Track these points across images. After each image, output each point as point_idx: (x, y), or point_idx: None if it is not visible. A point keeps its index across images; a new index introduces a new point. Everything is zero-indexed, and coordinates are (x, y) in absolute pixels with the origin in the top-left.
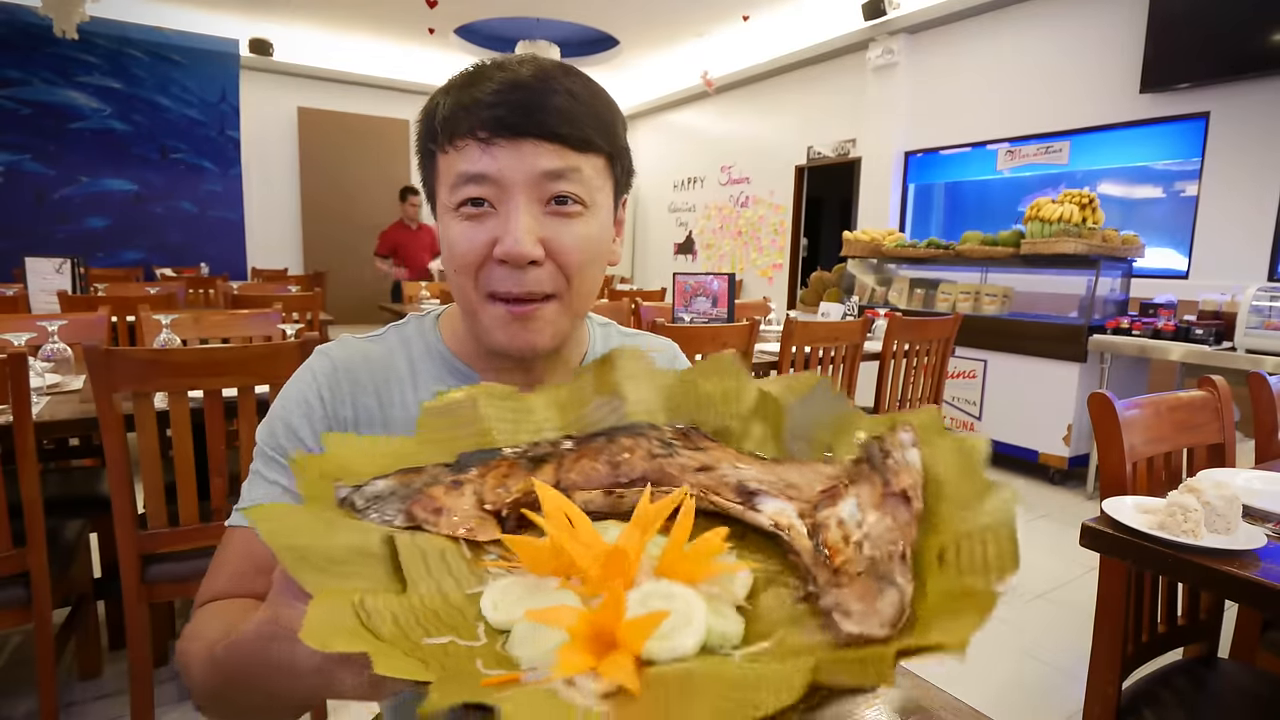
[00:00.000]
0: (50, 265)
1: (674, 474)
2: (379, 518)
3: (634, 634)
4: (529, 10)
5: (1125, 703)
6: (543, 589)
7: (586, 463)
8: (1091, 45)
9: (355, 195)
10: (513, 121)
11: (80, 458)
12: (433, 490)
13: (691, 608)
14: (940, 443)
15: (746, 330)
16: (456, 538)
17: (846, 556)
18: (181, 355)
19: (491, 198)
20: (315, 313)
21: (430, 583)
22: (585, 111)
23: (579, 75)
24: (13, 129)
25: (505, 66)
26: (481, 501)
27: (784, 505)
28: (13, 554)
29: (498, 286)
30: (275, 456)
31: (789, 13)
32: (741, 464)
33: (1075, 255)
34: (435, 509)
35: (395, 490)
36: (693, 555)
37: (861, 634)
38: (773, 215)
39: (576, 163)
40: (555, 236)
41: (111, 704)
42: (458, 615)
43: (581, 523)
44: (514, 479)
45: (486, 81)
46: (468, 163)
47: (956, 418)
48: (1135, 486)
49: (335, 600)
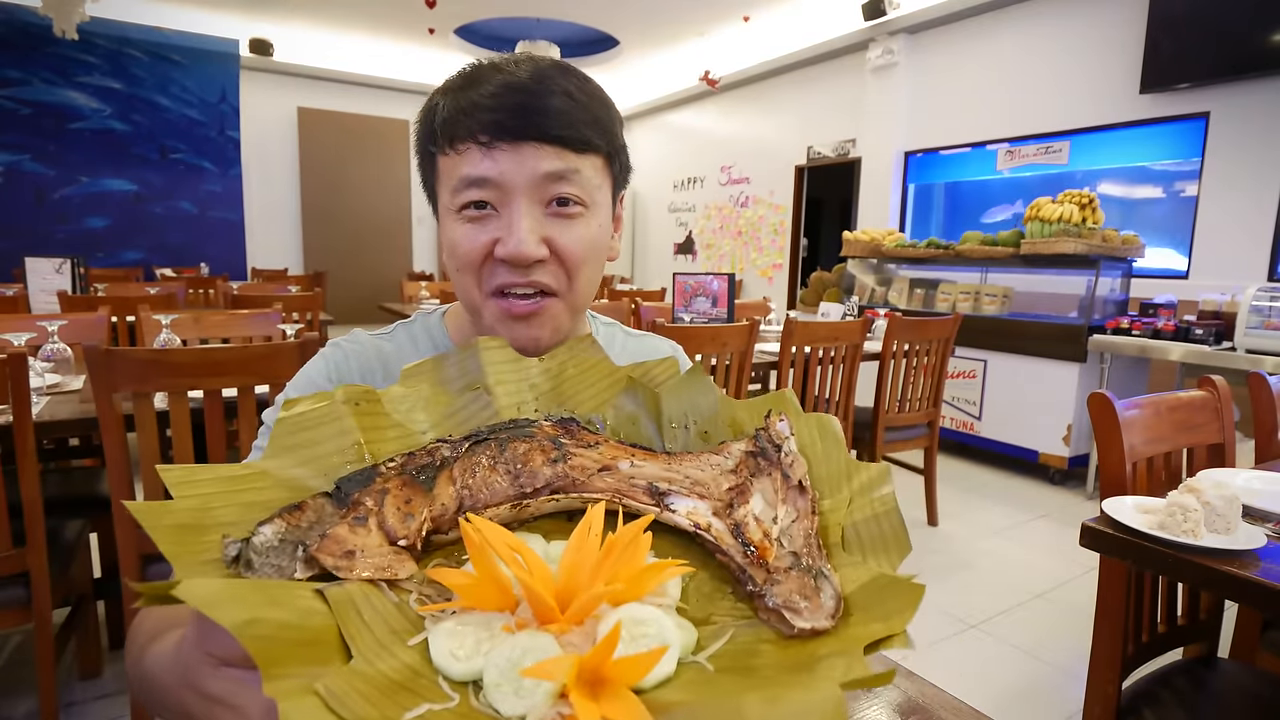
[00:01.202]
0: (50, 265)
1: (580, 480)
2: (276, 573)
3: (628, 672)
4: (529, 10)
5: (1125, 703)
6: (494, 628)
7: (486, 475)
8: (1091, 45)
9: (355, 195)
10: (512, 125)
11: (80, 458)
12: (336, 531)
13: (664, 628)
14: (800, 424)
15: (746, 330)
16: (375, 581)
17: (775, 554)
18: (181, 355)
19: (493, 200)
20: (315, 313)
21: (370, 640)
22: (583, 112)
23: (576, 74)
24: (13, 129)
25: (502, 68)
26: (391, 536)
27: (696, 504)
28: (13, 554)
29: (501, 282)
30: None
31: (789, 13)
32: (637, 459)
33: (1075, 255)
34: (346, 552)
35: (285, 536)
36: (643, 569)
37: (812, 628)
38: (773, 215)
39: (576, 164)
40: (557, 236)
41: (111, 704)
42: (417, 678)
43: (525, 550)
44: (414, 503)
45: (485, 83)
46: (469, 166)
47: (957, 418)
48: (1135, 486)
49: (301, 701)
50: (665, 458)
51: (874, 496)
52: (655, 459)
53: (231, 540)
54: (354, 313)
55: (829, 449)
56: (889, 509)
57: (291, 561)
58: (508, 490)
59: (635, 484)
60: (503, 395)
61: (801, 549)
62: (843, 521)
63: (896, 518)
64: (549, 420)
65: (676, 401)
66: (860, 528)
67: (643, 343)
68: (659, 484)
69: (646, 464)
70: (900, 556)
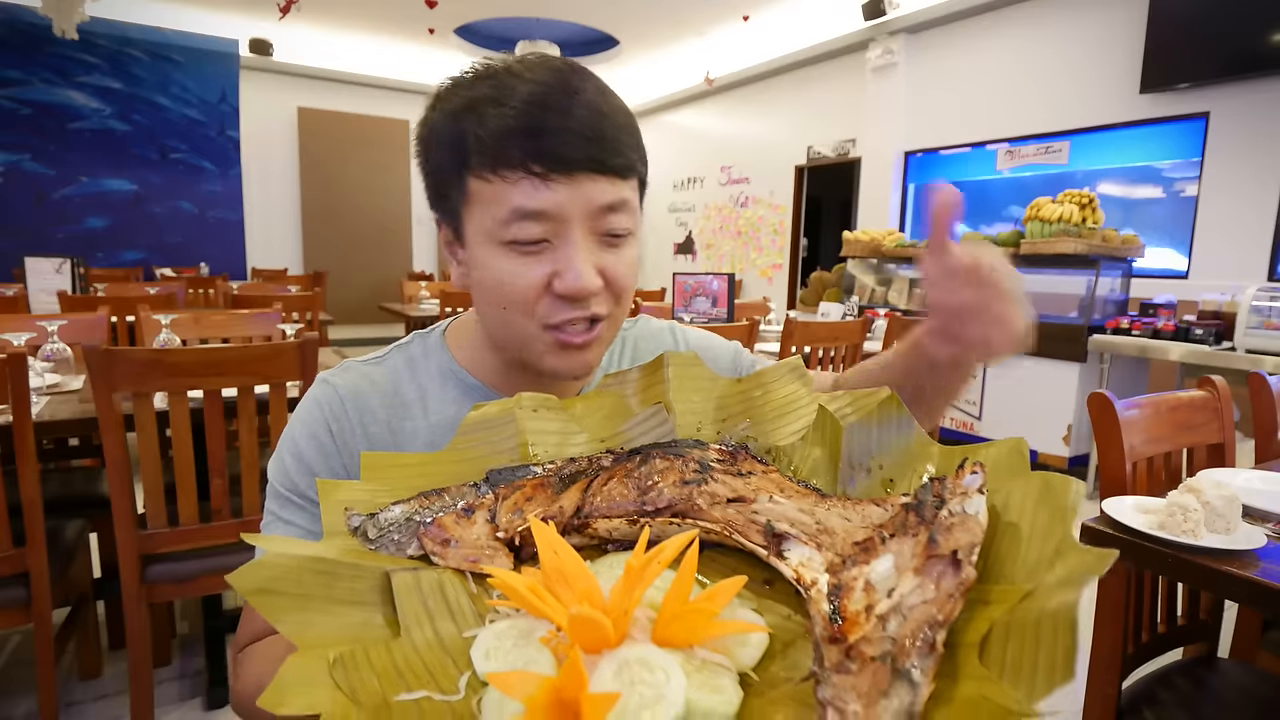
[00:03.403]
0: (50, 265)
1: (701, 506)
2: (393, 548)
3: (595, 710)
4: (529, 10)
5: (1125, 703)
6: (532, 637)
7: (614, 487)
8: (1091, 45)
9: (355, 195)
10: (570, 156)
11: (80, 458)
12: (443, 519)
13: (669, 681)
14: (1020, 482)
15: (746, 330)
16: (462, 571)
17: (864, 633)
18: (181, 355)
19: (549, 234)
20: (315, 313)
21: (427, 625)
22: (627, 136)
23: (605, 89)
24: (13, 129)
25: (533, 79)
26: (495, 529)
27: (812, 554)
28: (13, 554)
29: (559, 318)
30: (290, 496)
31: (789, 13)
32: (783, 496)
33: (1075, 255)
34: (443, 540)
35: (411, 516)
36: (697, 611)
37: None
38: (773, 215)
39: (625, 192)
40: (609, 266)
41: (111, 704)
42: (447, 663)
43: (573, 566)
44: (535, 502)
45: (520, 100)
46: (524, 198)
47: (957, 418)
48: (1135, 486)
49: (311, 657)
50: (815, 498)
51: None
52: (804, 498)
53: (355, 514)
54: (354, 313)
55: (1044, 522)
56: (1066, 620)
57: (411, 539)
58: (629, 505)
59: (755, 520)
60: (683, 414)
61: (908, 638)
62: (996, 617)
63: (1069, 633)
64: (723, 444)
65: (861, 437)
66: (1013, 631)
67: (641, 325)
68: (779, 525)
69: (787, 502)
70: (1052, 686)
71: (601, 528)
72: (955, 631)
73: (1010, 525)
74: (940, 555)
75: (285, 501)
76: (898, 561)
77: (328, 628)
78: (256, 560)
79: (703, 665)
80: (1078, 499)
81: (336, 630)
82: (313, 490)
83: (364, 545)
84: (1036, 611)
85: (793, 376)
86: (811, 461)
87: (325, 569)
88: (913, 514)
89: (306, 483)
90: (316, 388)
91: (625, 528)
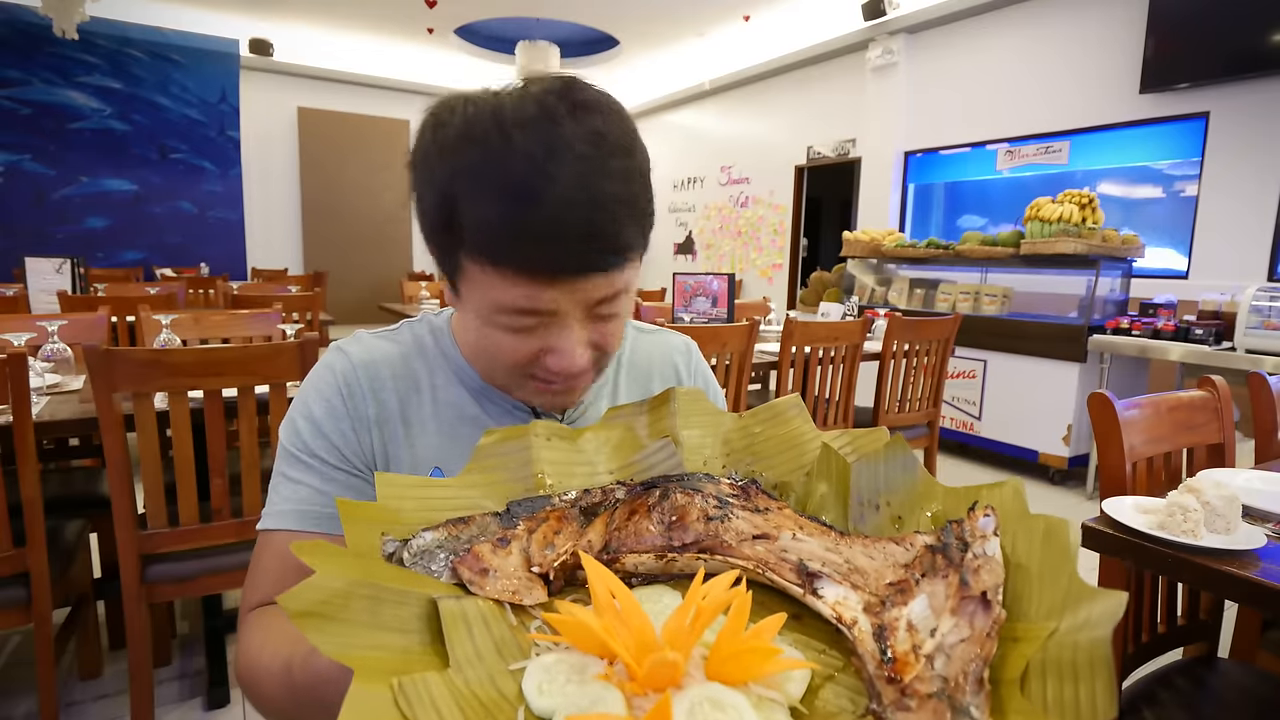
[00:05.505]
0: (50, 265)
1: (729, 542)
2: (425, 575)
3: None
4: (529, 10)
5: (1125, 703)
6: (587, 673)
7: (639, 521)
8: (1091, 45)
9: (355, 195)
10: (567, 263)
11: (80, 458)
12: (479, 548)
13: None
14: (1023, 525)
15: (746, 330)
16: (501, 602)
17: (916, 673)
18: (181, 355)
19: (543, 320)
20: (315, 313)
21: (472, 654)
22: (628, 212)
23: (605, 139)
24: (13, 129)
25: (524, 146)
26: (529, 561)
27: (848, 594)
28: (13, 554)
29: (546, 379)
30: (300, 455)
31: (789, 13)
32: (803, 534)
33: (1075, 255)
34: (481, 569)
35: (443, 544)
36: (747, 649)
37: None
38: (772, 215)
39: (626, 279)
40: (600, 338)
41: (111, 704)
42: (500, 699)
43: (628, 602)
44: (564, 535)
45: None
46: (521, 299)
47: (957, 418)
48: (1135, 486)
49: (373, 687)
50: (836, 536)
51: (1083, 624)
52: (825, 536)
53: (390, 539)
54: (354, 313)
55: (1051, 562)
56: (1101, 658)
57: (442, 567)
58: (656, 540)
59: (786, 558)
60: (690, 448)
61: (956, 675)
62: (1030, 655)
63: (1105, 670)
64: (731, 479)
65: (869, 475)
66: (1049, 669)
67: (655, 339)
68: (811, 563)
69: (810, 540)
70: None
71: (629, 562)
72: (993, 669)
73: (1020, 566)
74: (972, 596)
75: (295, 460)
76: (932, 602)
77: (369, 651)
78: (307, 581)
79: (759, 701)
80: (1077, 540)
81: (377, 654)
82: (324, 450)
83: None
84: (1070, 649)
85: (794, 413)
86: (819, 497)
87: (371, 594)
88: (940, 556)
89: (319, 444)
90: (330, 354)
91: (651, 561)
